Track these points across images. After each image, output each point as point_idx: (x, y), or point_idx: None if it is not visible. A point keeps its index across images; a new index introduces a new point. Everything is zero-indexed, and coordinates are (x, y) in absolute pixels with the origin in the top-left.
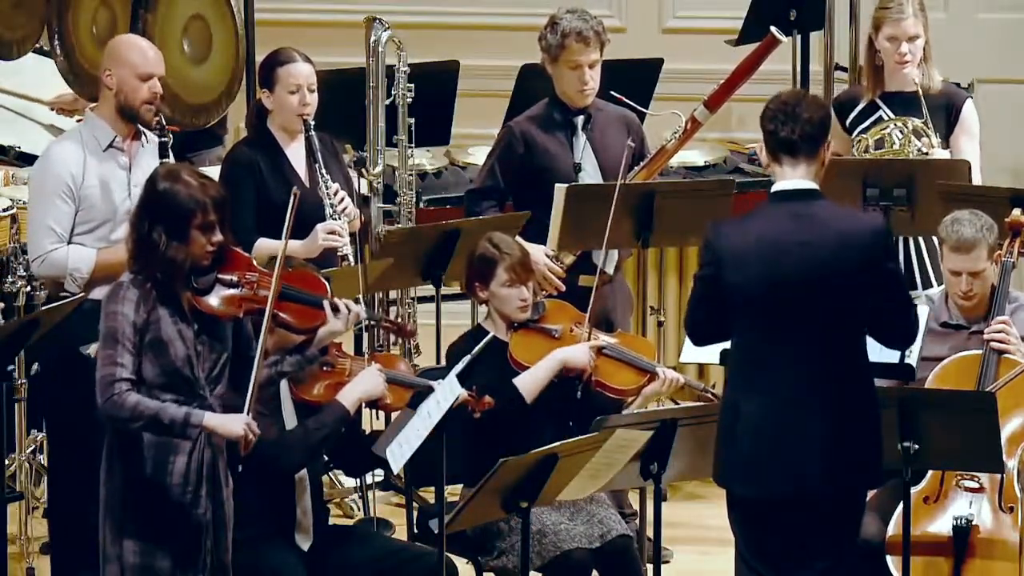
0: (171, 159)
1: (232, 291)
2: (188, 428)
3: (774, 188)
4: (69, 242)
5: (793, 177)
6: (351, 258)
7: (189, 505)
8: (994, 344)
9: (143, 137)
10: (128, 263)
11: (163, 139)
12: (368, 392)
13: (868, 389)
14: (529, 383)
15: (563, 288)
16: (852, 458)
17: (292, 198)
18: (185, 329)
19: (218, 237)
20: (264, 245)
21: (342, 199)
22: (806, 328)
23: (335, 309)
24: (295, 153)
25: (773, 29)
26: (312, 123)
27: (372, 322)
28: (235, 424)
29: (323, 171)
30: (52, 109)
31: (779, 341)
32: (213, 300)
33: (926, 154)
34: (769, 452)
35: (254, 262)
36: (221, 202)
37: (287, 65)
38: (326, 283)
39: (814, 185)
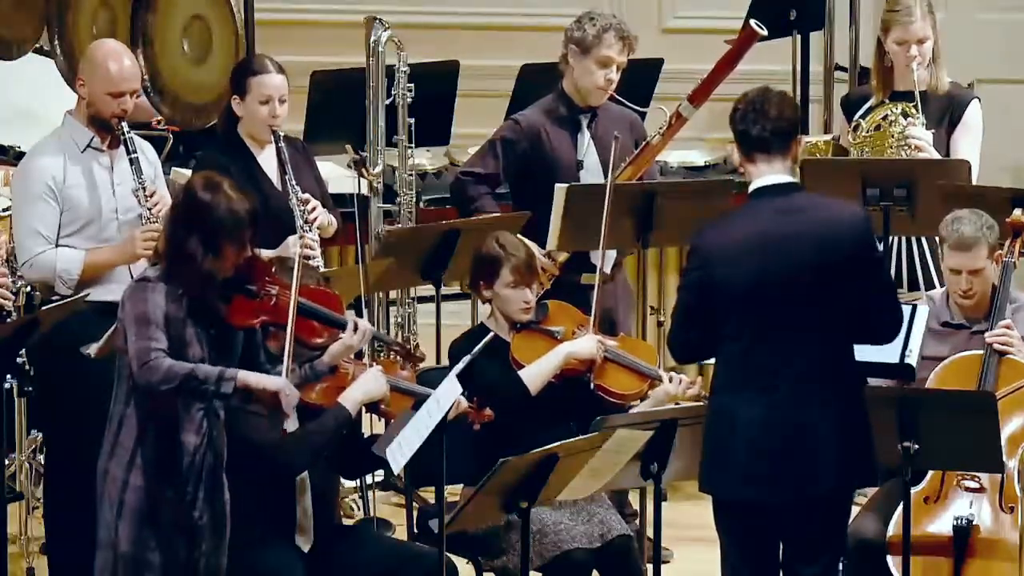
0: (146, 155)
1: (252, 302)
2: (222, 383)
3: (753, 186)
4: (57, 245)
5: (770, 173)
6: (322, 269)
7: (187, 506)
8: (996, 346)
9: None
10: (159, 264)
11: (132, 155)
12: (370, 393)
13: (857, 385)
14: (534, 375)
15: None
16: (854, 458)
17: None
18: (202, 333)
19: (248, 252)
20: None
21: (313, 208)
22: (797, 322)
23: (354, 327)
24: (266, 158)
25: (752, 22)
26: (281, 134)
27: (381, 343)
28: (272, 380)
29: (293, 182)
30: None
31: (771, 339)
32: (234, 310)
33: (905, 133)
34: (771, 456)
35: (273, 269)
36: (254, 216)
37: (260, 76)
38: (341, 300)
39: (793, 178)
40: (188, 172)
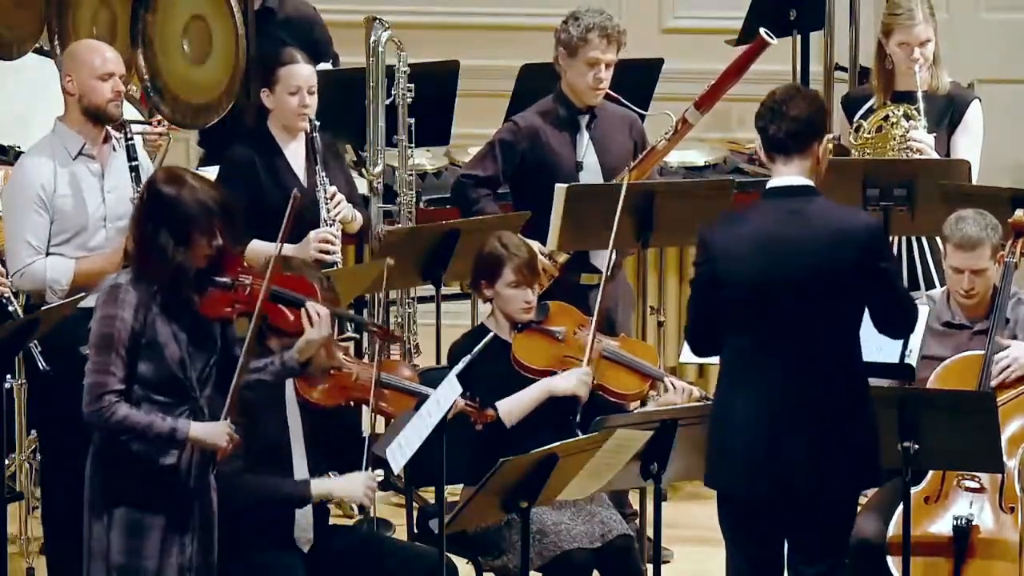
0: (140, 160)
1: (225, 293)
2: (174, 442)
3: (769, 185)
4: (47, 253)
5: (787, 174)
6: (340, 266)
7: (175, 508)
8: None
9: (113, 142)
10: (131, 265)
11: (129, 142)
12: (345, 494)
13: (861, 387)
14: (512, 408)
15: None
16: (843, 460)
17: (291, 200)
18: (178, 331)
19: (218, 241)
20: (257, 247)
21: (338, 203)
22: (798, 325)
23: (309, 318)
24: (294, 153)
25: (762, 31)
26: (317, 124)
27: (355, 326)
28: (219, 434)
29: (323, 174)
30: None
31: (771, 338)
32: (207, 302)
33: (907, 136)
34: (760, 452)
35: (245, 263)
36: (223, 205)
37: (288, 66)
38: (317, 289)
39: (809, 182)
40: None
